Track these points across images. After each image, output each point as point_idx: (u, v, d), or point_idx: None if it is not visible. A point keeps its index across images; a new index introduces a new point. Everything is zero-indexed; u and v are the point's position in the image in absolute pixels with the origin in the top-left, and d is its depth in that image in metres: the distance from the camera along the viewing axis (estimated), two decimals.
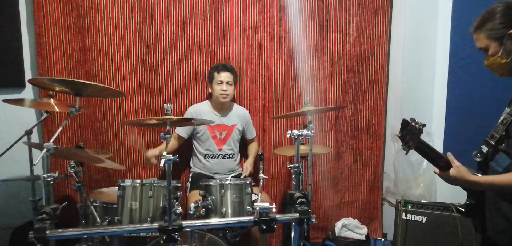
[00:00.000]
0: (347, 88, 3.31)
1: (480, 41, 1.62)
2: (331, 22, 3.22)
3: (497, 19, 1.57)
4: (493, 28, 1.58)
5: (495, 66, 1.61)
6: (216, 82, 2.89)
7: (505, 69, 1.59)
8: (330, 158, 3.37)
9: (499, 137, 1.59)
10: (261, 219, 1.66)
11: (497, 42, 1.57)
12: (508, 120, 1.57)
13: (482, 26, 1.60)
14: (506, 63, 1.57)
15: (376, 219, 3.50)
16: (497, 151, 1.60)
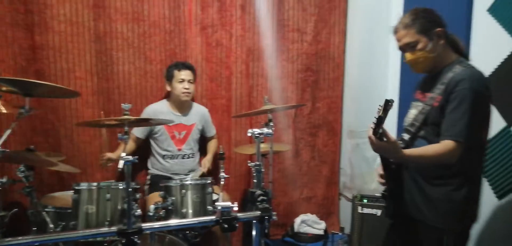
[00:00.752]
0: (305, 86, 3.37)
1: (410, 36, 1.79)
2: (289, 21, 3.26)
3: (426, 18, 1.80)
4: (423, 24, 1.78)
5: (421, 60, 1.80)
6: (177, 80, 2.85)
7: (430, 63, 1.81)
8: (289, 155, 3.42)
9: (419, 125, 1.79)
10: (222, 218, 1.66)
11: (427, 37, 1.77)
12: (427, 110, 1.77)
13: (413, 22, 1.79)
14: (433, 57, 1.79)
15: (334, 214, 3.59)
16: (416, 137, 1.80)
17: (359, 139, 3.39)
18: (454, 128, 1.65)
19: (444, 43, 1.80)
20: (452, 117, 1.67)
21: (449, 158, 1.68)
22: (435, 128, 1.74)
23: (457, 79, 1.69)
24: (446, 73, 1.76)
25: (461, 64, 1.76)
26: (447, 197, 1.75)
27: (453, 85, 1.68)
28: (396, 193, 1.91)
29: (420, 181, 1.82)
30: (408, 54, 1.82)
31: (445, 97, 1.71)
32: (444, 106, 1.71)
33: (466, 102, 1.64)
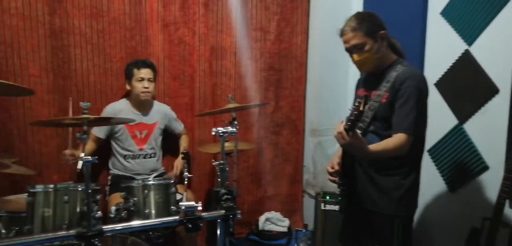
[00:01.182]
0: (268, 85, 3.39)
1: (357, 38, 1.91)
2: (252, 20, 3.27)
3: (371, 21, 1.93)
4: (369, 27, 1.90)
5: (368, 60, 1.94)
6: (137, 79, 2.78)
7: (375, 63, 1.95)
8: (253, 154, 3.43)
9: (369, 120, 1.89)
10: (186, 218, 1.64)
11: (373, 39, 1.90)
12: (375, 106, 1.90)
13: (360, 25, 1.91)
14: (378, 57, 1.93)
15: (297, 211, 3.64)
16: (367, 132, 1.90)
17: (322, 137, 3.46)
18: (405, 122, 1.82)
19: (386, 45, 1.96)
20: (401, 112, 1.84)
21: (402, 150, 1.84)
22: (384, 122, 1.91)
23: (403, 77, 1.85)
24: (390, 72, 1.92)
25: (402, 64, 1.93)
26: (397, 185, 1.94)
27: (400, 83, 1.85)
28: (350, 188, 2.03)
29: (372, 173, 1.98)
30: (356, 56, 1.95)
31: (392, 94, 1.87)
32: (391, 103, 1.87)
33: (412, 98, 1.82)
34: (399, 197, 1.94)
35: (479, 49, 2.27)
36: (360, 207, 2.04)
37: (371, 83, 2.01)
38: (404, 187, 1.94)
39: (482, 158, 2.27)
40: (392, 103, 1.87)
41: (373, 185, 1.99)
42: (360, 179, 2.03)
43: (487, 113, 2.23)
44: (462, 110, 2.37)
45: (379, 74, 1.97)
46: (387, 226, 1.96)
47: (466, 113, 2.35)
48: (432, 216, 2.65)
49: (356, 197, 2.04)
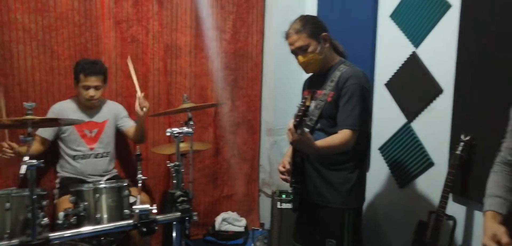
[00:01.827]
0: (224, 85, 3.38)
1: (302, 40, 1.99)
2: (208, 19, 3.24)
3: (314, 24, 2.02)
4: (313, 29, 1.99)
5: (312, 61, 2.03)
6: (82, 86, 2.61)
7: (319, 64, 2.05)
8: (210, 154, 3.40)
9: (316, 118, 2.01)
10: (141, 222, 1.59)
11: (316, 41, 1.99)
12: (321, 105, 2.00)
13: (304, 27, 1.99)
14: (321, 58, 2.02)
15: (254, 210, 3.66)
16: (314, 130, 2.02)
17: (277, 136, 3.49)
18: (349, 118, 1.92)
19: (329, 46, 2.06)
20: (345, 110, 1.93)
21: (348, 145, 1.95)
22: (330, 120, 2.00)
23: (346, 76, 1.95)
24: (334, 72, 2.02)
25: (345, 64, 2.04)
26: (345, 179, 2.04)
27: (343, 82, 1.95)
28: (301, 185, 2.09)
29: (321, 169, 2.06)
30: (301, 57, 2.03)
31: (337, 92, 1.96)
32: (337, 101, 1.97)
33: (355, 95, 1.92)
34: (347, 191, 2.05)
35: (425, 51, 2.39)
36: (312, 203, 2.11)
37: (317, 83, 2.10)
38: (351, 181, 2.05)
39: (428, 155, 2.39)
40: (337, 102, 1.97)
41: (322, 180, 2.07)
42: (310, 176, 2.10)
43: (432, 112, 2.36)
44: (410, 109, 2.48)
45: (324, 74, 2.07)
46: (337, 219, 2.05)
47: (414, 112, 2.46)
48: (382, 211, 2.76)
49: (307, 194, 2.11)
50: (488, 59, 1.99)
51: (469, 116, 2.11)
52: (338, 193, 2.05)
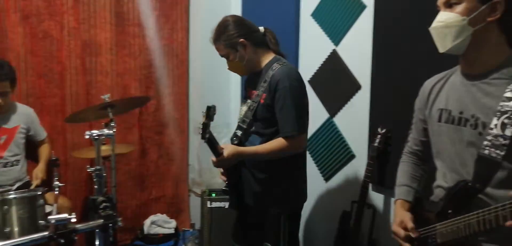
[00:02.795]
0: (149, 83, 3.26)
1: (221, 50, 1.99)
2: (129, 15, 3.10)
3: (230, 31, 1.95)
4: (228, 38, 1.95)
5: (238, 68, 2.04)
6: None
7: (245, 69, 2.04)
8: (136, 156, 3.27)
9: (249, 121, 1.97)
10: (58, 233, 1.47)
11: (233, 49, 1.96)
12: (254, 106, 1.96)
13: (219, 37, 1.97)
14: (243, 65, 1.99)
15: (184, 211, 3.59)
16: (249, 132, 1.99)
17: None
18: (287, 126, 1.87)
19: (253, 49, 1.98)
20: (282, 117, 1.88)
21: (290, 150, 1.91)
22: (264, 122, 1.95)
23: (277, 78, 1.87)
24: (267, 71, 1.95)
25: (278, 63, 1.95)
26: (281, 183, 2.00)
27: (274, 85, 1.87)
28: (237, 186, 2.06)
29: (256, 173, 2.00)
30: (228, 63, 2.04)
31: (270, 95, 1.90)
32: (270, 104, 1.91)
33: (288, 98, 1.86)
34: (284, 194, 2.00)
35: (344, 50, 2.51)
36: (248, 205, 2.07)
37: (252, 82, 2.06)
38: (288, 184, 2.01)
39: (350, 148, 2.52)
40: (270, 105, 1.91)
41: (258, 184, 2.01)
42: (246, 179, 2.04)
43: (352, 107, 2.49)
44: (332, 105, 2.60)
45: (258, 73, 2.02)
46: (273, 224, 2.01)
47: (335, 107, 2.58)
48: (310, 205, 2.86)
49: (243, 195, 2.07)
50: (400, 56, 2.14)
51: (384, 110, 2.26)
52: (274, 196, 2.00)
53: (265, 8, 2.98)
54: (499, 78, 1.19)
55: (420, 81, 1.48)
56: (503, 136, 1.14)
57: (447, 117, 1.31)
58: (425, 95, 1.44)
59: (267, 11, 2.97)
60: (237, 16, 2.09)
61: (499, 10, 1.17)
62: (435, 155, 1.40)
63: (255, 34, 2.00)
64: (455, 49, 1.23)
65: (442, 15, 1.23)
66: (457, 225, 1.18)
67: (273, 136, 1.93)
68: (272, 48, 2.04)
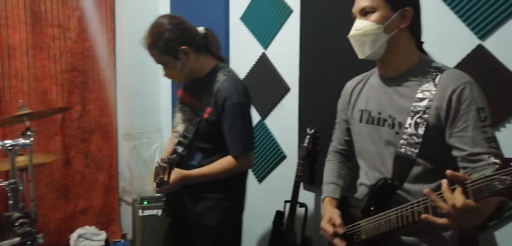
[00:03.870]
0: (72, 88, 3.06)
1: (156, 56, 1.74)
2: (47, 15, 2.88)
3: (168, 36, 1.69)
4: (166, 45, 1.69)
5: (177, 76, 1.82)
6: None
7: (186, 77, 1.81)
8: (59, 166, 3.05)
9: (192, 136, 1.79)
10: None
11: (173, 57, 1.72)
12: (197, 121, 1.78)
13: (155, 43, 1.70)
14: (186, 73, 1.77)
15: (115, 221, 3.43)
16: (192, 148, 1.81)
17: (136, 141, 3.33)
18: (238, 145, 1.75)
19: (195, 55, 1.76)
20: (232, 135, 1.75)
21: (245, 167, 1.87)
22: (207, 137, 1.78)
23: (224, 94, 1.71)
24: (211, 82, 1.77)
25: (223, 73, 1.79)
26: (223, 197, 1.86)
27: (222, 101, 1.71)
28: (175, 199, 1.92)
29: (197, 187, 1.83)
30: (164, 70, 1.80)
31: (216, 111, 1.74)
32: (216, 121, 1.75)
33: (238, 117, 1.73)
34: (226, 209, 1.87)
35: (273, 53, 2.56)
36: (186, 217, 1.91)
37: (193, 89, 1.86)
38: (230, 199, 1.89)
39: (281, 149, 2.57)
40: (216, 122, 1.75)
41: (198, 198, 1.86)
42: (185, 191, 1.87)
43: (282, 109, 2.54)
44: (263, 107, 2.63)
45: (200, 80, 1.82)
46: (214, 237, 1.87)
47: (266, 110, 2.62)
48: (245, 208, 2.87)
49: (182, 208, 1.91)
50: (326, 58, 2.23)
51: (312, 111, 2.34)
52: (215, 212, 1.84)
53: (194, 11, 2.95)
54: (412, 80, 1.28)
55: (345, 82, 1.54)
56: (417, 134, 1.23)
57: (367, 118, 1.38)
58: (347, 96, 1.50)
59: (196, 14, 2.93)
60: (174, 16, 1.80)
61: (409, 17, 1.26)
62: (357, 153, 1.47)
63: (196, 38, 1.77)
64: (373, 55, 1.30)
65: (359, 23, 1.28)
66: (378, 221, 1.25)
67: (216, 152, 1.79)
68: (214, 53, 1.85)
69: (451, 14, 1.78)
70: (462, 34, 1.75)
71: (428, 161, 1.24)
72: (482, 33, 1.70)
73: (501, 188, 0.86)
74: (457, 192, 0.96)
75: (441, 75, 1.22)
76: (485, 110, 1.16)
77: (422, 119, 1.22)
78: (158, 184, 1.68)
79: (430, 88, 1.22)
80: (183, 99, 1.92)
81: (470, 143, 1.14)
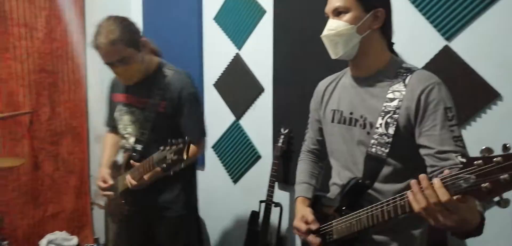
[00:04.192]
0: (40, 89, 2.96)
1: (119, 52, 1.68)
2: (13, 14, 2.77)
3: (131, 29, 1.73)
4: (131, 36, 1.70)
5: (136, 73, 1.77)
6: None
7: (142, 73, 1.80)
8: (26, 170, 2.95)
9: (148, 132, 1.82)
10: None
11: (136, 49, 1.71)
12: (152, 116, 1.81)
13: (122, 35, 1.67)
14: (144, 67, 1.78)
15: (87, 226, 3.34)
16: (150, 144, 1.81)
17: None
18: (196, 131, 1.83)
19: (146, 49, 1.82)
20: (191, 122, 1.82)
21: (201, 152, 1.92)
22: (166, 130, 1.79)
23: (178, 85, 1.79)
24: (160, 78, 1.81)
25: (167, 68, 1.85)
26: (184, 188, 1.93)
27: (178, 92, 1.78)
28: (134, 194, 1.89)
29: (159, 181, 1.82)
30: (120, 69, 1.73)
31: (171, 103, 1.79)
32: (172, 113, 1.80)
33: (195, 105, 1.83)
34: (186, 197, 1.94)
35: (246, 53, 2.55)
36: (147, 211, 1.93)
37: (138, 90, 1.84)
38: (187, 186, 1.96)
39: (256, 149, 2.57)
40: (172, 114, 1.81)
41: (157, 191, 1.88)
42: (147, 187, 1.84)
43: (256, 109, 2.54)
44: (238, 107, 2.63)
45: (145, 79, 1.83)
46: (180, 227, 1.94)
47: (241, 110, 2.61)
48: (220, 208, 2.85)
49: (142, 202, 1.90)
50: (299, 58, 2.24)
51: (286, 111, 2.34)
52: (176, 201, 1.90)
53: (167, 12, 2.91)
54: (383, 81, 1.29)
55: (318, 82, 1.55)
56: (387, 134, 1.24)
57: (339, 118, 1.39)
58: (319, 96, 1.51)
59: (168, 14, 2.89)
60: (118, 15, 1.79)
61: (381, 18, 1.27)
62: (329, 153, 1.48)
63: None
64: (346, 56, 1.31)
65: (332, 24, 1.28)
66: (350, 221, 1.25)
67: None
68: (154, 49, 1.91)
69: (419, 15, 1.83)
70: (429, 35, 1.80)
71: (398, 161, 1.26)
72: (449, 35, 1.76)
73: (466, 187, 0.87)
74: (438, 187, 0.94)
75: (411, 76, 1.24)
76: (452, 110, 1.18)
77: (392, 120, 1.23)
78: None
79: (400, 89, 1.24)
80: (127, 102, 1.90)
81: (438, 141, 1.16)
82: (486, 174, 0.82)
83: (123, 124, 1.92)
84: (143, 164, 1.70)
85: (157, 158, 1.58)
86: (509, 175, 0.79)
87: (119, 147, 2.03)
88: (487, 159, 0.82)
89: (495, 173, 0.81)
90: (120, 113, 1.93)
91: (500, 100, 1.68)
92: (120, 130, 1.95)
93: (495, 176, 0.81)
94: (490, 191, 0.82)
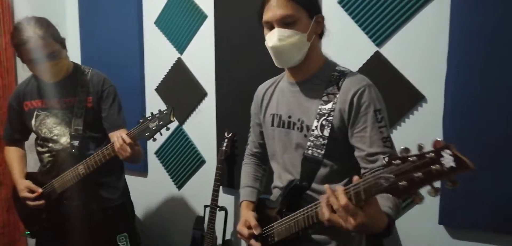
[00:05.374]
0: None
1: (49, 47, 1.74)
2: None
3: (53, 26, 1.80)
4: (55, 32, 1.78)
5: (63, 67, 1.85)
6: None
7: (63, 71, 1.88)
8: None
9: (82, 127, 1.89)
10: None
11: (61, 45, 1.80)
12: (81, 113, 1.90)
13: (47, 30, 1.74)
14: (66, 63, 1.87)
15: (19, 242, 3.14)
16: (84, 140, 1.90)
17: None
18: (119, 119, 1.94)
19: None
20: (114, 111, 1.94)
21: None
22: (96, 125, 1.93)
23: (101, 80, 1.94)
24: (79, 76, 1.92)
25: (84, 67, 1.97)
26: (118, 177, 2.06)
27: (100, 86, 1.93)
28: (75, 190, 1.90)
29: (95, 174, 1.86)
30: (49, 64, 1.77)
31: (96, 97, 1.92)
32: (96, 107, 1.92)
33: (116, 96, 1.96)
34: (122, 185, 2.07)
35: (189, 58, 2.53)
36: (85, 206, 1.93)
37: (57, 91, 1.90)
38: (121, 176, 2.09)
39: (200, 153, 2.56)
40: (98, 108, 1.93)
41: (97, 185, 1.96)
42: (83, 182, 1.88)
43: (200, 114, 2.53)
44: (181, 112, 2.59)
45: (65, 79, 1.89)
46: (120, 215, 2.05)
47: (184, 115, 2.58)
48: (164, 214, 2.80)
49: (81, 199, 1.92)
50: (240, 62, 2.26)
51: (229, 115, 2.36)
52: (114, 191, 2.02)
53: (105, 15, 2.80)
54: (318, 84, 1.33)
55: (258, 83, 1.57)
56: (322, 136, 1.28)
57: (278, 122, 1.42)
58: (258, 100, 1.53)
59: (107, 18, 2.78)
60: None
61: (321, 23, 1.31)
62: (270, 157, 1.51)
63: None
64: (295, 64, 1.31)
65: (282, 33, 1.25)
66: (288, 222, 1.29)
67: (103, 138, 1.96)
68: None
69: (352, 22, 1.92)
70: (362, 41, 1.90)
71: (334, 161, 1.30)
72: (379, 41, 1.86)
73: (386, 186, 0.91)
74: (340, 193, 1.01)
75: (344, 79, 1.29)
76: (382, 112, 1.24)
77: (327, 122, 1.27)
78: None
79: (334, 92, 1.28)
80: (46, 106, 1.93)
81: (368, 143, 1.22)
82: (403, 173, 0.87)
83: (46, 127, 1.93)
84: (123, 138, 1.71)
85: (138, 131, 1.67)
86: (422, 173, 0.84)
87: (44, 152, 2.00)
88: (404, 158, 0.88)
89: (410, 172, 0.86)
90: (39, 119, 1.94)
91: (425, 102, 1.81)
92: (43, 134, 1.94)
93: (410, 174, 0.86)
94: (406, 189, 0.87)
